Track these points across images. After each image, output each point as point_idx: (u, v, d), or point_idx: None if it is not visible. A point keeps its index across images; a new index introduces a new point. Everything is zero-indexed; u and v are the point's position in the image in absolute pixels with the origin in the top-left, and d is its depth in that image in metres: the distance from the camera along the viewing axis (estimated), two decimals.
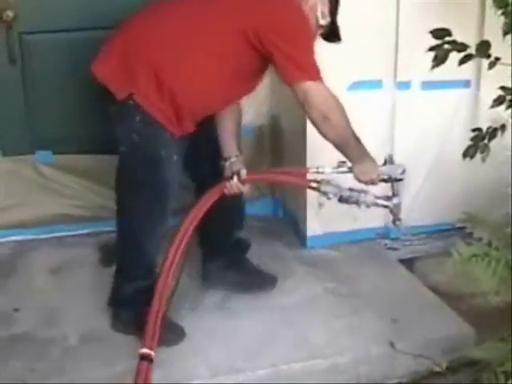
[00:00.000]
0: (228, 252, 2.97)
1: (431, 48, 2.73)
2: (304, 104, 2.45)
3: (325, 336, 2.68)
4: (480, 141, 2.96)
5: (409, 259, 3.32)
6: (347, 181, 2.61)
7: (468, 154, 2.99)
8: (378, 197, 2.61)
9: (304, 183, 2.78)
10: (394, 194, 2.62)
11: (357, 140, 2.51)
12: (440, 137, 3.32)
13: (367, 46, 3.03)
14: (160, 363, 2.42)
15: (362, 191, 2.58)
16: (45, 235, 3.34)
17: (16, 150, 3.29)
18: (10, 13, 3.08)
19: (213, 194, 2.60)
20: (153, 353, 2.38)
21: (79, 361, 2.54)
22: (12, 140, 3.29)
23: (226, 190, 2.63)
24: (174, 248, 2.48)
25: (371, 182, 2.58)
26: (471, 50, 2.73)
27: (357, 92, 3.12)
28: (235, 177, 2.62)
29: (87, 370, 2.49)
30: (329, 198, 2.59)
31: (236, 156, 2.68)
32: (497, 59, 2.74)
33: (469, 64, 2.78)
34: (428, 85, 3.22)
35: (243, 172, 2.63)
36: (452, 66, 2.75)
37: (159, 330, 2.42)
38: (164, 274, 2.46)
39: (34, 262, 3.16)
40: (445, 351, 2.65)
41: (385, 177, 2.61)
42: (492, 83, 2.85)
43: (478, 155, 2.97)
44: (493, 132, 2.95)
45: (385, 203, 2.62)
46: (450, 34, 2.72)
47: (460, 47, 2.72)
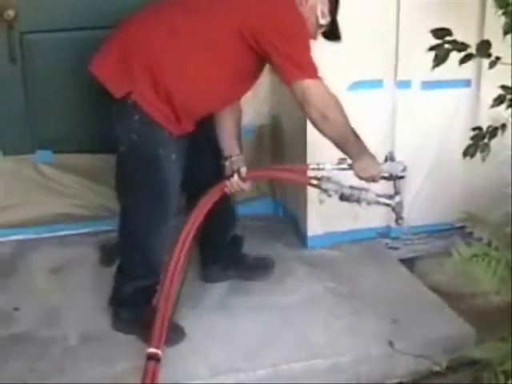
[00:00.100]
0: (226, 252, 3.00)
1: (431, 48, 2.72)
2: (302, 102, 2.45)
3: (325, 336, 2.68)
4: (480, 140, 2.96)
5: (409, 259, 3.33)
6: (349, 179, 2.60)
7: (468, 153, 2.98)
8: (380, 195, 2.60)
9: (305, 180, 2.78)
10: (396, 192, 2.61)
11: (356, 137, 2.51)
12: (440, 136, 3.32)
13: (368, 46, 3.02)
14: (160, 363, 2.42)
15: (363, 189, 2.57)
16: (45, 234, 3.34)
17: (16, 150, 3.29)
18: (11, 12, 3.08)
19: (214, 194, 2.61)
20: (160, 352, 2.39)
21: (79, 361, 2.54)
22: (12, 139, 3.29)
23: (227, 189, 2.63)
24: (178, 249, 2.49)
25: (372, 179, 2.56)
26: (472, 50, 2.73)
27: (357, 91, 3.12)
28: (236, 175, 2.62)
29: (87, 370, 2.49)
30: (329, 196, 2.58)
31: (236, 155, 2.68)
32: (497, 59, 2.73)
33: (469, 64, 2.78)
34: (428, 84, 3.21)
35: (243, 170, 2.63)
36: (452, 66, 2.75)
37: (165, 331, 2.43)
38: (169, 275, 2.47)
39: (35, 262, 3.16)
40: (445, 351, 2.65)
41: (386, 174, 2.60)
42: (492, 83, 2.85)
43: (478, 154, 2.97)
44: (493, 131, 2.94)
45: (386, 201, 2.61)
46: (451, 34, 2.71)
47: (460, 47, 2.71)
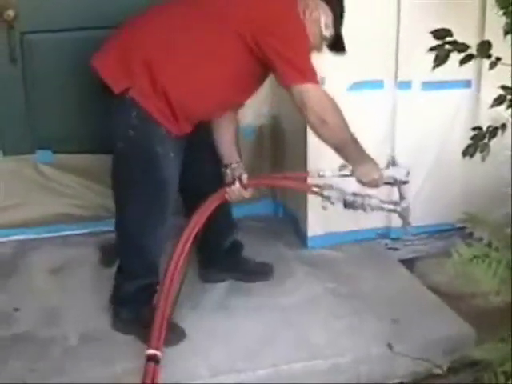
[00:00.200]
0: (225, 257, 3.01)
1: (432, 48, 2.73)
2: (301, 106, 2.45)
3: (325, 336, 2.68)
4: (480, 140, 2.96)
5: (409, 259, 3.32)
6: (353, 187, 2.59)
7: (468, 153, 2.98)
8: (384, 201, 2.59)
9: (306, 188, 2.77)
10: (402, 198, 2.58)
11: (355, 142, 2.49)
12: (440, 137, 3.32)
13: (368, 47, 3.02)
14: (161, 363, 2.41)
15: (367, 195, 2.55)
16: (45, 235, 3.35)
17: (16, 150, 3.29)
18: (11, 12, 3.07)
19: (214, 200, 2.62)
20: (159, 353, 2.38)
21: (79, 361, 2.54)
22: (12, 139, 3.29)
23: (228, 196, 2.64)
24: (178, 252, 2.50)
25: (375, 184, 2.53)
26: (472, 51, 2.73)
27: (358, 92, 3.12)
28: (237, 182, 2.63)
29: (87, 370, 2.49)
30: (332, 203, 2.57)
31: (237, 162, 2.70)
32: (498, 59, 2.74)
33: (469, 64, 2.78)
34: (429, 85, 3.21)
35: (245, 177, 2.64)
36: (453, 67, 2.76)
37: (165, 331, 2.43)
38: (169, 276, 2.47)
39: (35, 262, 3.16)
40: (445, 351, 2.65)
41: (390, 180, 2.57)
42: (492, 83, 2.85)
43: (478, 155, 2.97)
44: (493, 131, 2.95)
45: (391, 207, 2.58)
46: (451, 35, 2.72)
47: (461, 47, 2.72)
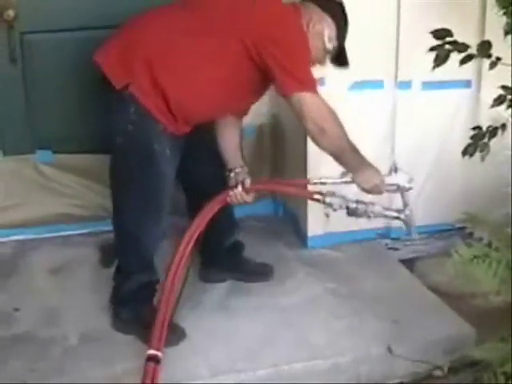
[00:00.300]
0: (226, 257, 3.01)
1: (432, 48, 2.73)
2: (300, 114, 2.46)
3: (325, 336, 2.68)
4: (480, 139, 2.96)
5: (409, 259, 3.32)
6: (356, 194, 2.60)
7: (467, 153, 2.98)
8: (387, 208, 2.59)
9: (309, 194, 2.77)
10: (405, 205, 2.58)
11: (354, 149, 2.49)
12: (440, 137, 3.32)
13: (368, 46, 3.02)
14: (161, 363, 2.41)
15: (370, 202, 2.55)
16: (45, 235, 3.35)
17: (16, 150, 3.29)
18: (11, 12, 3.07)
19: (217, 202, 2.63)
20: (160, 354, 2.38)
21: (79, 361, 2.54)
22: (12, 139, 3.29)
23: (229, 199, 2.65)
24: (180, 253, 2.50)
25: (378, 190, 2.53)
26: (472, 50, 2.73)
27: (358, 92, 3.12)
28: (239, 186, 2.64)
29: (87, 370, 2.49)
30: (335, 210, 2.58)
31: (241, 167, 2.71)
32: (498, 59, 2.73)
33: (469, 64, 2.78)
34: (429, 85, 3.21)
35: (248, 181, 2.66)
36: (453, 66, 2.76)
37: (165, 332, 2.43)
38: (170, 277, 2.48)
39: (35, 262, 3.16)
40: (445, 351, 2.65)
41: (393, 188, 2.57)
42: (492, 83, 2.85)
43: (478, 154, 2.97)
44: (493, 131, 2.94)
45: (395, 215, 2.59)
46: (451, 35, 2.72)
47: (461, 47, 2.72)
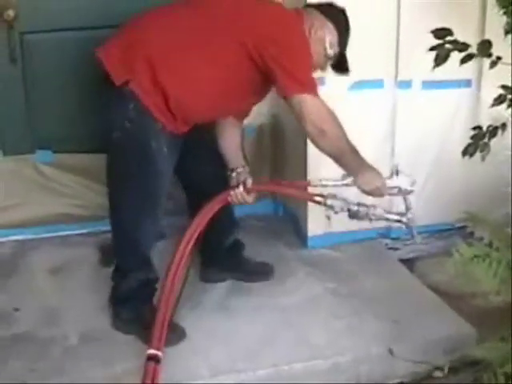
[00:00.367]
0: (226, 256, 3.01)
1: (432, 47, 2.72)
2: (300, 116, 2.46)
3: (325, 336, 2.68)
4: (480, 139, 2.96)
5: (409, 259, 3.33)
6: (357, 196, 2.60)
7: (467, 153, 2.98)
8: (389, 211, 2.59)
9: (310, 197, 2.76)
10: (408, 208, 2.58)
11: (354, 151, 2.49)
12: (441, 136, 3.32)
13: (368, 46, 3.01)
14: (161, 363, 2.41)
15: (372, 205, 2.55)
16: (45, 235, 3.34)
17: (16, 150, 3.29)
18: (11, 12, 3.07)
19: (217, 202, 2.63)
20: (160, 353, 2.38)
21: (79, 361, 2.54)
22: (12, 139, 3.29)
23: (230, 198, 2.65)
24: (180, 252, 2.50)
25: (379, 193, 2.53)
26: (472, 50, 2.73)
27: (358, 91, 3.11)
28: (241, 185, 2.64)
29: (87, 370, 2.49)
30: (336, 212, 2.58)
31: (243, 167, 2.71)
32: (498, 58, 2.73)
33: (469, 64, 2.77)
34: (429, 84, 3.21)
35: (249, 181, 2.66)
36: (453, 66, 2.75)
37: (166, 331, 2.43)
38: (170, 277, 2.47)
39: (35, 262, 3.16)
40: (446, 351, 2.65)
41: (395, 190, 2.57)
42: (493, 83, 2.85)
43: (478, 154, 2.97)
44: (493, 130, 2.94)
45: (396, 218, 2.59)
46: (451, 34, 2.71)
47: (461, 47, 2.71)
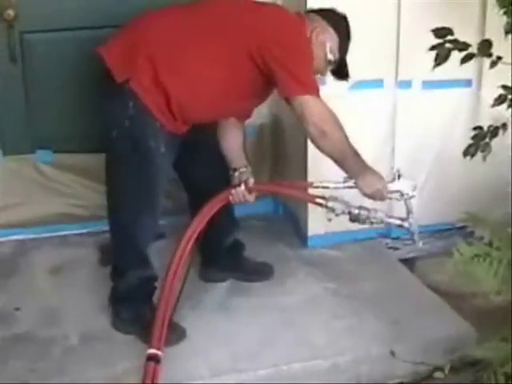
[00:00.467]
0: (226, 256, 3.01)
1: (433, 47, 2.72)
2: (301, 118, 2.47)
3: (325, 336, 2.68)
4: (481, 139, 2.95)
5: (410, 259, 3.32)
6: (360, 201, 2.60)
7: (469, 153, 2.98)
8: (391, 216, 2.60)
9: (311, 198, 2.76)
10: (409, 212, 2.58)
11: (356, 154, 2.49)
12: (441, 136, 3.32)
13: (368, 46, 3.01)
14: (161, 363, 2.41)
15: (373, 209, 2.56)
16: (45, 234, 3.34)
17: (16, 150, 3.28)
18: (11, 12, 3.07)
19: (218, 201, 2.63)
20: (160, 353, 2.38)
21: (79, 361, 2.54)
22: (12, 139, 3.28)
23: (231, 198, 2.65)
24: (180, 251, 2.50)
25: (380, 196, 2.53)
26: (473, 50, 2.73)
27: (358, 91, 3.11)
28: (242, 185, 2.64)
29: (87, 370, 2.49)
30: (337, 215, 2.58)
31: (245, 166, 2.72)
32: (498, 58, 2.73)
33: (470, 63, 2.78)
34: (429, 84, 3.21)
35: (251, 181, 2.67)
36: (453, 66, 2.75)
37: (166, 331, 2.43)
38: (170, 276, 2.48)
39: (35, 262, 3.16)
40: (446, 351, 2.64)
41: (396, 195, 2.57)
42: (493, 82, 2.85)
43: (479, 154, 2.97)
44: (494, 130, 2.94)
45: (398, 222, 2.59)
46: (452, 33, 2.71)
47: (461, 46, 2.71)
